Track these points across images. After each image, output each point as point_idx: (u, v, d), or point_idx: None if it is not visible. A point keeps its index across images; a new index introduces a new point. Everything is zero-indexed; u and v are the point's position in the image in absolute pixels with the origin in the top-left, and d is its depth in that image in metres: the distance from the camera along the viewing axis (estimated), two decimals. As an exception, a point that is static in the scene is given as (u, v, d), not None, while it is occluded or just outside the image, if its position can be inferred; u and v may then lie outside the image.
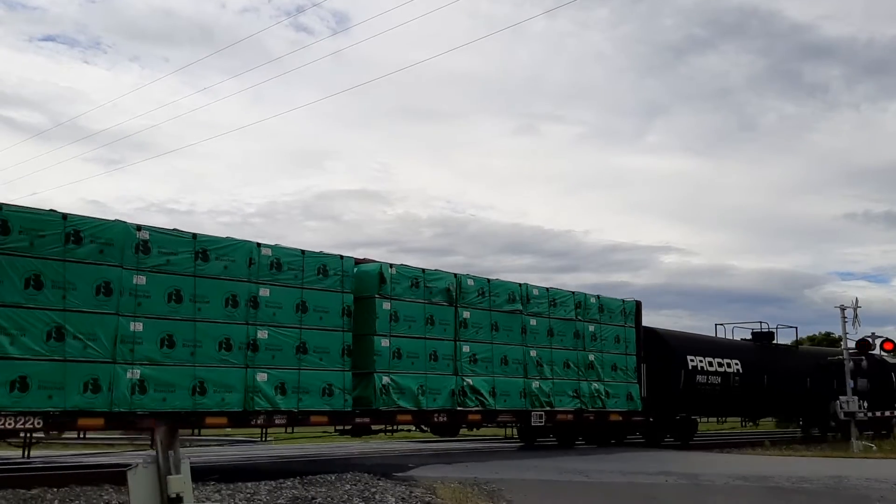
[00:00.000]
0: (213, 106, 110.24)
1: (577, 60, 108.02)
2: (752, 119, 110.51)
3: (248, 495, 10.78)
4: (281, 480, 12.00)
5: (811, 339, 55.79)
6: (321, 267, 14.99)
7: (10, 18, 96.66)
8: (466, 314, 17.63)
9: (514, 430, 23.40)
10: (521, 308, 18.93)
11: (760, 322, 29.17)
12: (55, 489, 10.80)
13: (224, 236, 14.08)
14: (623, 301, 21.89)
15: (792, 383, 28.06)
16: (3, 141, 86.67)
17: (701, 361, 24.56)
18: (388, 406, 15.82)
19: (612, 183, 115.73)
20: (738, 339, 28.88)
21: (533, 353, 18.90)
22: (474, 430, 20.80)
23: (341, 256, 15.48)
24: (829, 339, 52.37)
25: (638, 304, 22.54)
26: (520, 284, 19.22)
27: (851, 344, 27.27)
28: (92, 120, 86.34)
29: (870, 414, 29.09)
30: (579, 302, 20.33)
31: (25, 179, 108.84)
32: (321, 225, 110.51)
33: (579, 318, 20.30)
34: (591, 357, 20.43)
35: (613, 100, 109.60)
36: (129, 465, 6.78)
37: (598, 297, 21.01)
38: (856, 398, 26.49)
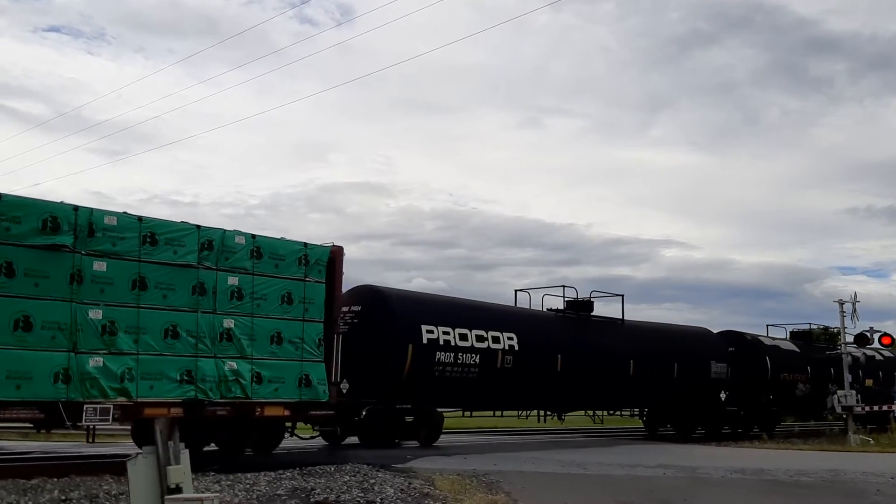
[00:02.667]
0: (216, 97, 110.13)
1: (581, 54, 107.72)
2: (755, 113, 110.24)
3: (248, 486, 10.83)
4: (280, 472, 12.04)
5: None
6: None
7: (16, 9, 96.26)
8: None
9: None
10: (69, 244, 12.03)
11: (564, 286, 22.89)
12: (55, 479, 10.85)
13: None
14: (305, 246, 15.17)
15: (612, 367, 22.33)
16: (7, 131, 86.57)
17: (446, 334, 17.90)
18: None
19: (614, 176, 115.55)
20: (547, 309, 22.58)
21: (97, 313, 12.21)
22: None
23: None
24: (827, 334, 52.30)
25: (335, 252, 15.64)
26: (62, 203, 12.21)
27: (850, 338, 27.31)
28: (95, 111, 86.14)
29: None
30: (208, 241, 13.77)
31: (29, 170, 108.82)
32: (324, 217, 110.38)
33: (206, 264, 13.63)
34: (229, 323, 13.76)
35: (617, 93, 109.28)
36: (129, 455, 6.81)
37: (256, 236, 14.52)
38: (853, 392, 26.52)
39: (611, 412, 26.24)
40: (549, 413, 23.15)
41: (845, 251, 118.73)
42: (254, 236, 14.55)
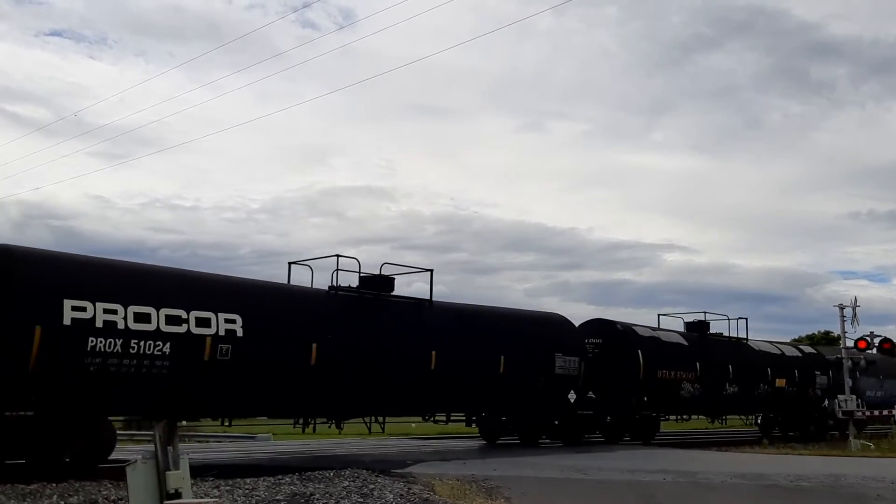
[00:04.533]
0: (218, 101, 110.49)
1: (583, 57, 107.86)
2: (757, 117, 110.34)
3: (247, 491, 10.81)
4: (279, 477, 12.03)
5: (810, 338, 55.79)
6: None
7: (17, 13, 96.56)
8: None
9: None
10: None
11: (358, 259, 17.55)
12: (54, 484, 10.85)
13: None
14: None
15: (406, 361, 17.24)
16: (8, 135, 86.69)
17: (110, 312, 13.00)
18: None
19: (616, 180, 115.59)
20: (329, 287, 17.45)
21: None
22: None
23: None
24: (828, 338, 52.36)
25: None
26: None
27: (850, 343, 27.28)
28: (97, 115, 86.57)
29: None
30: None
31: (30, 174, 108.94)
32: (325, 221, 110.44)
33: None
34: None
35: (619, 97, 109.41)
36: (129, 460, 6.80)
37: None
38: (854, 396, 26.49)
39: (427, 417, 20.84)
40: (312, 421, 17.16)
41: (847, 255, 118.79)
42: None
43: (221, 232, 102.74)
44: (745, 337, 27.57)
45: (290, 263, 17.48)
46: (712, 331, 27.12)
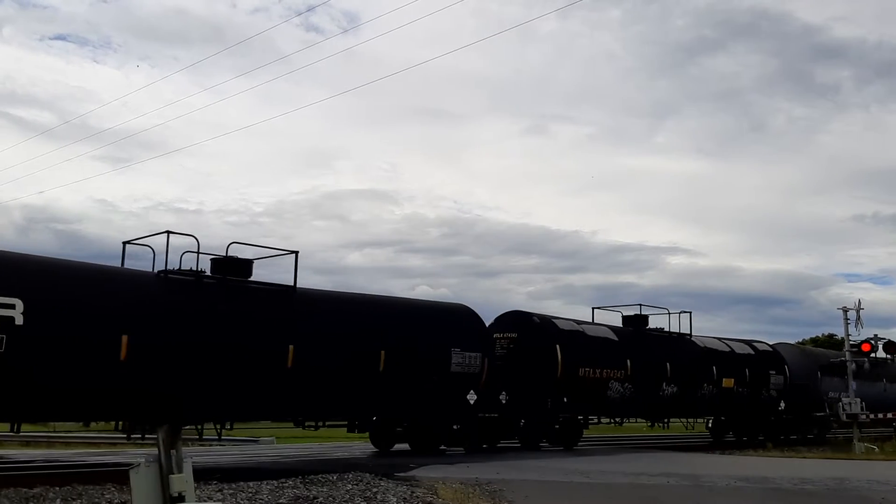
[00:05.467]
0: (221, 104, 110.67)
1: (587, 61, 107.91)
2: (761, 120, 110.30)
3: (250, 495, 10.80)
4: (283, 480, 12.02)
5: (814, 341, 55.71)
6: None
7: (22, 17, 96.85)
8: None
9: None
10: None
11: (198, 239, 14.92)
12: (57, 488, 10.83)
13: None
14: None
15: (258, 356, 14.92)
16: (12, 139, 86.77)
17: None
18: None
19: (620, 183, 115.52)
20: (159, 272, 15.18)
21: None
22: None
23: None
24: (831, 341, 52.26)
25: None
26: None
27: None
28: (100, 118, 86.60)
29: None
30: None
31: (33, 177, 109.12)
32: (329, 224, 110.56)
33: None
34: None
35: (623, 100, 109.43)
36: (132, 464, 6.79)
37: None
38: (859, 399, 26.44)
39: (306, 423, 17.24)
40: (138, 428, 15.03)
41: (851, 258, 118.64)
42: None
43: (225, 235, 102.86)
44: (688, 332, 25.10)
45: (124, 243, 15.27)
46: (657, 326, 24.83)
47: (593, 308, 24.69)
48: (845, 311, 26.81)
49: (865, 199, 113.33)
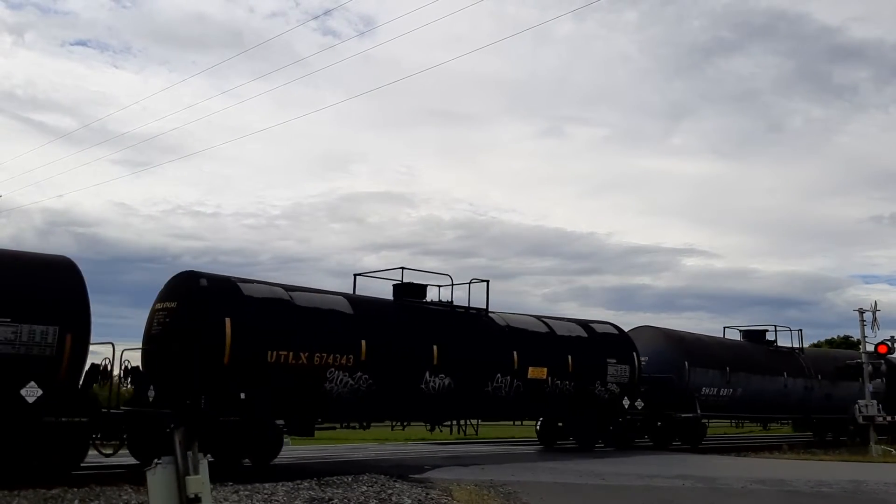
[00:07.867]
0: (239, 108, 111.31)
1: (603, 62, 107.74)
2: (778, 121, 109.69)
3: (266, 496, 10.85)
4: (298, 482, 12.06)
5: (830, 343, 55.30)
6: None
7: (43, 23, 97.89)
8: None
9: None
10: None
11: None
12: (75, 489, 10.93)
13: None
14: None
15: None
16: (33, 143, 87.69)
17: None
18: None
19: (635, 185, 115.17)
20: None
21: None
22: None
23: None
24: (847, 343, 51.86)
25: None
26: None
27: (871, 347, 27.03)
28: (120, 123, 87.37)
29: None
30: None
31: (53, 181, 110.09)
32: (346, 227, 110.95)
33: None
34: None
35: (639, 102, 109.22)
36: (148, 465, 6.85)
37: None
38: (875, 402, 26.22)
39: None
40: None
41: (867, 259, 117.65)
42: None
43: (242, 238, 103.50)
44: (484, 308, 19.51)
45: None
46: (448, 301, 19.06)
47: (355, 275, 18.93)
48: (861, 312, 26.62)
49: (883, 200, 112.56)
